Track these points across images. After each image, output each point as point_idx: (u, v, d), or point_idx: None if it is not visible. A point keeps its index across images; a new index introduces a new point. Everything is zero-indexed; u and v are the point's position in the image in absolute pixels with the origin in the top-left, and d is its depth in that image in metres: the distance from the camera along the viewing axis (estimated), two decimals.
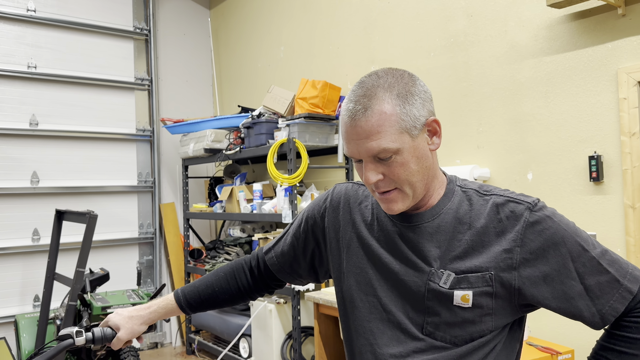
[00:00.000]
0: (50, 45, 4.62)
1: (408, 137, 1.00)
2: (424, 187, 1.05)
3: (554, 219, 1.01)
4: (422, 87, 1.04)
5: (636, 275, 1.02)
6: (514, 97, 2.83)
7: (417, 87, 1.03)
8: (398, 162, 1.00)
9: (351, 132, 1.01)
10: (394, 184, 1.03)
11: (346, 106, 1.03)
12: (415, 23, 3.36)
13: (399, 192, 1.03)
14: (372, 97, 0.99)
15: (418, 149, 1.02)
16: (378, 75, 1.03)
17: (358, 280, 1.14)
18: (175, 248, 5.14)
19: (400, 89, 1.00)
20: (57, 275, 3.77)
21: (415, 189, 1.03)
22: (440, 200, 1.08)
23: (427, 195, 1.08)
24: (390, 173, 1.01)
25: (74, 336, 1.23)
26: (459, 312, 1.03)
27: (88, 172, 4.78)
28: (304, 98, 3.69)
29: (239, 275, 1.34)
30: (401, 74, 1.03)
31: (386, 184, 1.03)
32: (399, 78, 1.02)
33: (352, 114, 1.00)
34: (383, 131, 0.98)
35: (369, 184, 1.03)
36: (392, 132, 0.99)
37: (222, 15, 5.46)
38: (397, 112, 0.99)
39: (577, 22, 2.56)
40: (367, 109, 0.99)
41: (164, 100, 5.27)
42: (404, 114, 0.99)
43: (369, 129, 0.99)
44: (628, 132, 2.36)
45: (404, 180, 1.02)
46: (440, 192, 1.09)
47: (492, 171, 2.94)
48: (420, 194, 1.05)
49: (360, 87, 1.02)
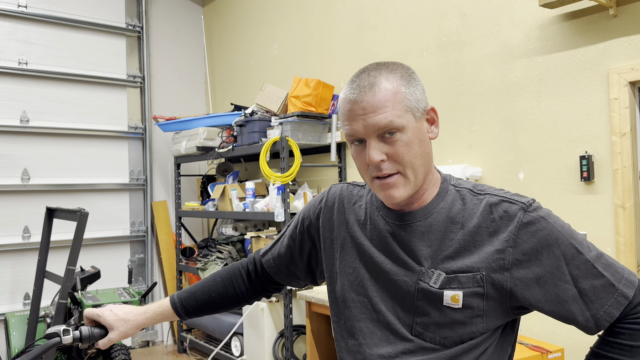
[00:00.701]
0: (42, 42, 4.58)
1: (412, 117, 1.01)
2: (423, 175, 1.04)
3: (549, 220, 0.99)
4: (419, 78, 1.07)
5: (632, 280, 0.99)
6: (506, 96, 2.84)
7: (415, 75, 1.06)
8: (403, 141, 0.99)
9: (356, 109, 1.00)
10: (397, 167, 1.00)
11: (349, 87, 1.03)
12: (409, 22, 3.37)
13: (401, 176, 1.01)
14: (378, 77, 1.01)
15: (420, 132, 1.02)
16: (378, 63, 1.05)
17: (350, 280, 1.13)
18: (167, 246, 5.12)
19: (402, 73, 1.03)
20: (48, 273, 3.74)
21: (417, 174, 1.02)
22: (433, 199, 1.07)
23: (422, 189, 1.06)
24: (394, 153, 1.00)
25: (61, 334, 1.21)
26: (449, 313, 1.01)
27: (79, 170, 4.75)
28: (297, 96, 3.69)
29: (236, 280, 1.32)
30: (400, 64, 1.06)
31: (389, 166, 1.00)
32: (400, 66, 1.05)
33: (358, 91, 1.00)
34: (390, 106, 0.99)
35: (373, 163, 1.00)
36: (399, 107, 0.99)
37: (215, 12, 5.44)
38: (402, 90, 1.00)
39: (569, 22, 2.57)
40: (374, 86, 1.00)
41: (156, 98, 5.24)
42: (408, 94, 1.01)
43: (376, 103, 0.99)
44: (619, 132, 2.37)
45: (408, 162, 1.00)
46: (435, 189, 1.08)
47: (484, 170, 2.95)
48: (420, 181, 1.03)
49: (363, 72, 1.04)
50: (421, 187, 1.06)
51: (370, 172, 1.03)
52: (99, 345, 1.25)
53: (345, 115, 1.03)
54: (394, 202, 1.03)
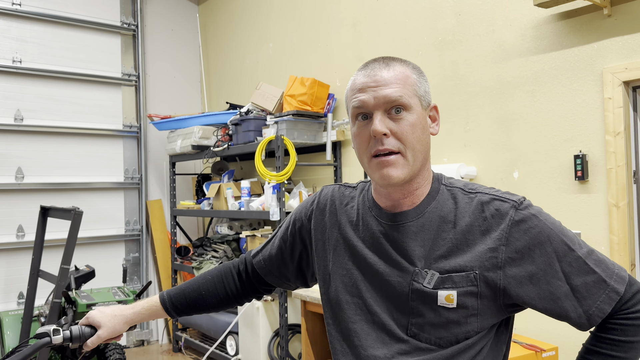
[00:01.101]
0: (36, 40, 4.56)
1: (419, 103, 1.05)
2: (420, 164, 1.04)
3: (540, 218, 1.00)
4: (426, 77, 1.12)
5: (622, 276, 1.00)
6: (501, 96, 2.84)
7: (424, 73, 1.11)
8: (409, 120, 1.02)
9: (368, 82, 1.03)
10: (399, 145, 1.01)
11: (363, 68, 1.07)
12: (404, 21, 3.37)
13: (401, 157, 1.01)
14: (392, 60, 1.06)
15: (424, 120, 1.06)
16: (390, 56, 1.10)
17: (344, 281, 1.13)
18: (162, 245, 5.11)
19: (414, 66, 1.08)
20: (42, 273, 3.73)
21: (416, 158, 1.03)
22: (425, 198, 1.07)
23: (416, 182, 1.06)
24: (398, 131, 1.01)
25: (51, 334, 1.21)
26: (444, 313, 1.01)
27: (74, 168, 4.73)
28: (292, 95, 3.68)
29: (227, 279, 1.32)
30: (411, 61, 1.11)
31: (391, 142, 1.01)
32: (409, 61, 1.09)
33: (373, 68, 1.04)
34: (402, 84, 1.02)
35: (377, 133, 1.00)
36: (409, 89, 1.03)
37: (211, 11, 5.43)
38: (414, 76, 1.05)
39: (564, 22, 2.58)
40: (389, 65, 1.04)
41: (151, 96, 5.23)
42: (419, 82, 1.06)
43: (390, 78, 1.02)
44: (613, 131, 2.38)
45: (410, 142, 1.01)
46: (427, 187, 1.08)
47: (478, 169, 2.96)
48: (417, 168, 1.04)
49: (375, 59, 1.08)
50: (415, 181, 1.06)
51: (371, 149, 1.03)
52: (88, 344, 1.24)
53: (355, 89, 1.05)
54: (390, 182, 1.01)
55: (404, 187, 1.05)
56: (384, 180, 1.02)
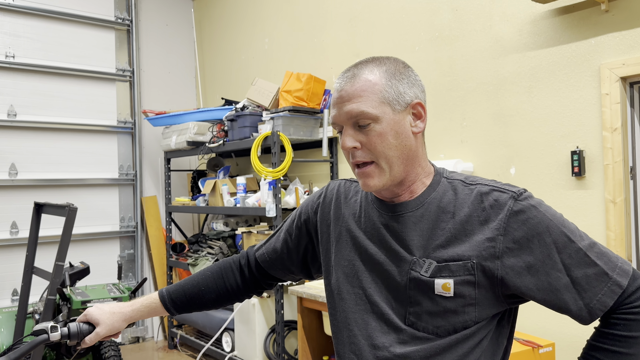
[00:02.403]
0: (29, 35, 4.52)
1: (389, 109, 1.03)
2: (402, 167, 1.05)
3: (539, 209, 1.00)
4: (413, 74, 1.08)
5: (626, 269, 0.99)
6: (498, 91, 2.84)
7: (408, 71, 1.07)
8: (376, 131, 1.02)
9: (337, 97, 1.06)
10: (371, 156, 1.04)
11: (338, 78, 1.09)
12: (400, 16, 3.36)
13: (376, 166, 1.04)
14: (363, 68, 1.05)
15: (398, 124, 1.04)
16: (374, 56, 1.09)
17: (346, 272, 1.14)
18: (157, 242, 5.09)
19: (389, 67, 1.06)
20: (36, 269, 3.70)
21: (391, 165, 1.04)
22: (425, 190, 1.09)
23: (408, 179, 1.08)
24: (367, 142, 1.03)
25: (48, 331, 1.20)
26: (441, 302, 1.02)
27: (68, 165, 4.70)
28: (288, 91, 3.67)
29: (227, 275, 1.32)
30: (395, 59, 1.09)
31: (363, 154, 1.04)
32: (393, 61, 1.08)
33: (341, 81, 1.06)
34: (365, 96, 1.02)
35: (345, 149, 1.05)
36: (374, 99, 1.02)
37: (206, 5, 5.39)
38: (382, 82, 1.03)
39: (561, 17, 2.57)
40: (355, 77, 1.04)
41: (146, 92, 5.19)
42: (388, 86, 1.03)
43: (352, 93, 1.03)
44: (610, 127, 2.38)
45: (380, 152, 1.03)
46: (426, 181, 1.10)
47: (475, 165, 2.95)
48: (397, 173, 1.05)
49: (354, 64, 1.08)
50: (406, 180, 1.08)
51: (350, 159, 1.08)
52: (86, 341, 1.23)
53: (332, 103, 1.08)
54: (369, 190, 1.07)
55: (394, 187, 1.08)
56: (364, 188, 1.07)
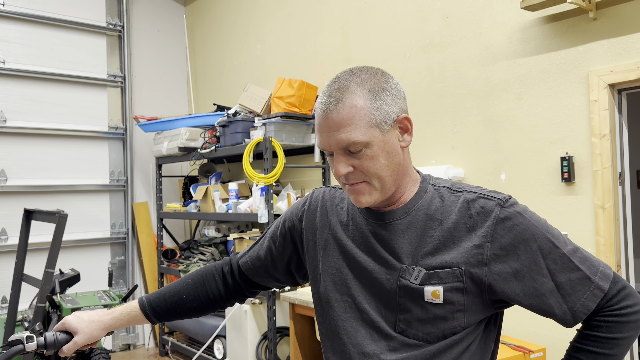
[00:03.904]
0: (20, 40, 4.50)
1: (378, 131, 1.02)
2: (393, 183, 1.06)
3: (525, 216, 1.02)
4: (394, 85, 1.06)
5: (607, 273, 1.02)
6: (488, 98, 2.86)
7: (389, 84, 1.05)
8: (368, 155, 1.02)
9: (323, 125, 1.04)
10: (363, 177, 1.04)
11: (320, 99, 1.06)
12: (392, 23, 3.38)
13: (367, 185, 1.05)
14: (345, 91, 1.02)
15: (388, 144, 1.04)
16: (352, 71, 1.06)
17: (334, 280, 1.14)
18: (148, 248, 5.06)
19: (372, 85, 1.03)
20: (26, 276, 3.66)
21: (383, 184, 1.04)
22: (412, 198, 1.09)
23: (398, 191, 1.09)
24: (360, 166, 1.03)
25: (24, 341, 1.17)
26: (430, 309, 1.03)
27: (58, 171, 4.66)
28: (280, 97, 3.67)
29: (209, 282, 1.30)
30: (374, 71, 1.06)
31: (356, 176, 1.04)
32: (372, 75, 1.05)
33: (325, 107, 1.03)
34: (353, 124, 1.01)
35: (338, 176, 1.05)
36: (362, 125, 1.01)
37: (198, 11, 5.40)
38: (368, 106, 1.01)
39: (550, 24, 2.60)
40: (339, 102, 1.02)
41: (138, 98, 5.18)
42: (374, 109, 1.02)
43: (340, 121, 1.01)
44: (599, 133, 2.41)
45: (373, 173, 1.03)
46: (413, 189, 1.10)
47: (466, 171, 2.97)
48: (389, 189, 1.06)
49: (335, 82, 1.05)
50: (397, 191, 1.09)
51: (341, 180, 1.07)
52: (64, 350, 1.20)
53: (316, 127, 1.07)
54: (361, 206, 1.07)
55: (383, 201, 1.09)
56: (356, 204, 1.07)
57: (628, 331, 1.00)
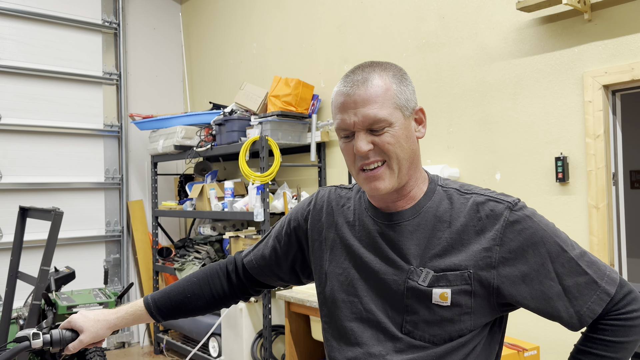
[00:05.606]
0: (15, 37, 4.48)
1: (401, 114, 1.04)
2: (407, 170, 1.06)
3: (534, 219, 1.02)
4: (410, 79, 1.10)
5: (613, 278, 1.02)
6: (484, 98, 2.88)
7: (407, 76, 1.09)
8: (390, 134, 1.02)
9: (348, 102, 1.03)
10: (383, 156, 1.03)
11: (343, 81, 1.06)
12: (388, 23, 3.39)
13: (387, 167, 1.04)
14: (371, 73, 1.04)
15: (408, 129, 1.06)
16: (372, 61, 1.08)
17: (340, 280, 1.14)
18: (144, 246, 5.06)
19: (395, 72, 1.06)
20: (21, 274, 3.66)
21: (401, 167, 1.04)
22: (421, 198, 1.09)
23: (409, 184, 1.08)
24: (380, 143, 1.02)
25: (30, 338, 1.17)
26: (438, 311, 1.03)
27: (53, 168, 4.65)
28: (277, 96, 3.68)
29: (213, 281, 1.31)
30: (395, 65, 1.09)
31: (375, 154, 1.03)
32: (393, 65, 1.08)
33: (352, 84, 1.03)
34: (381, 102, 1.02)
35: (360, 153, 1.02)
36: (389, 105, 1.02)
37: (194, 10, 5.39)
38: (393, 88, 1.04)
39: (545, 26, 2.62)
40: (367, 81, 1.03)
41: (133, 96, 5.17)
42: (399, 92, 1.04)
43: (368, 97, 1.02)
44: (593, 134, 2.43)
45: (393, 152, 1.03)
46: (423, 188, 1.10)
47: (461, 171, 2.99)
48: (404, 175, 1.06)
49: (357, 68, 1.07)
50: (407, 184, 1.08)
51: (357, 163, 1.05)
52: (69, 348, 1.21)
53: (337, 108, 1.06)
54: (379, 193, 1.05)
55: (395, 192, 1.08)
56: (373, 192, 1.06)
57: (633, 335, 1.01)
